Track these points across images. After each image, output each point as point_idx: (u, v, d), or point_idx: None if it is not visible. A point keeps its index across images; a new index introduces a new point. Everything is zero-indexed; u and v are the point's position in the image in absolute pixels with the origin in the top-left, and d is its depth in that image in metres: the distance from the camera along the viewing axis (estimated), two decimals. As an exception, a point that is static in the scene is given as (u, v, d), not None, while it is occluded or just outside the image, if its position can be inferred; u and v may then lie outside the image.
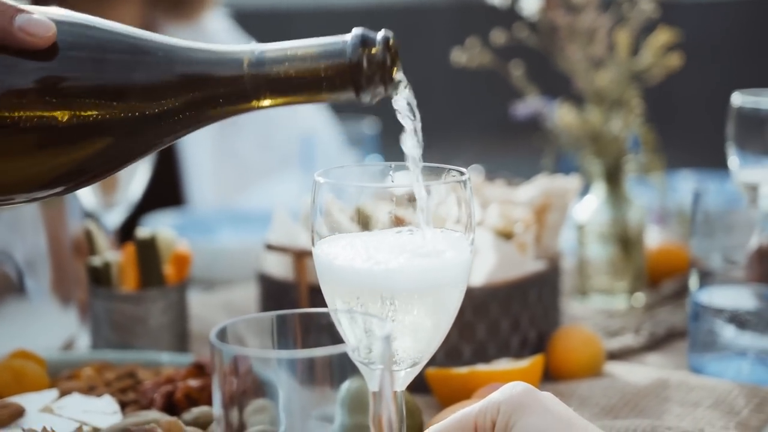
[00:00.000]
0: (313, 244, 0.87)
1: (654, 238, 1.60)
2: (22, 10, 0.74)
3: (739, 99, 1.34)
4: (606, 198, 1.44)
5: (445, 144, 4.21)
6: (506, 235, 1.20)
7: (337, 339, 0.76)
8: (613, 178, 1.44)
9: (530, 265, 1.20)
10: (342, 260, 0.85)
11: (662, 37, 1.43)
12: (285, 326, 0.76)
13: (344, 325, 0.78)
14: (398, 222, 0.87)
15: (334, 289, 0.86)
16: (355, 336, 0.78)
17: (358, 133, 1.54)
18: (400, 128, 0.84)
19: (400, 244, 0.86)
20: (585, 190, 1.44)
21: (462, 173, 0.88)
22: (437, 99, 4.37)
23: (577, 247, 1.46)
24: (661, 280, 1.49)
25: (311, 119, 1.83)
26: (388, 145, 1.72)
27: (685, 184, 1.80)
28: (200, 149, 1.76)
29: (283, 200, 1.34)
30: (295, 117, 1.83)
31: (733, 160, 1.35)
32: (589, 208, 1.44)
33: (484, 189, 1.30)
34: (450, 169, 0.90)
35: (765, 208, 1.20)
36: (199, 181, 1.74)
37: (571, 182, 1.29)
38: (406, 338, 0.85)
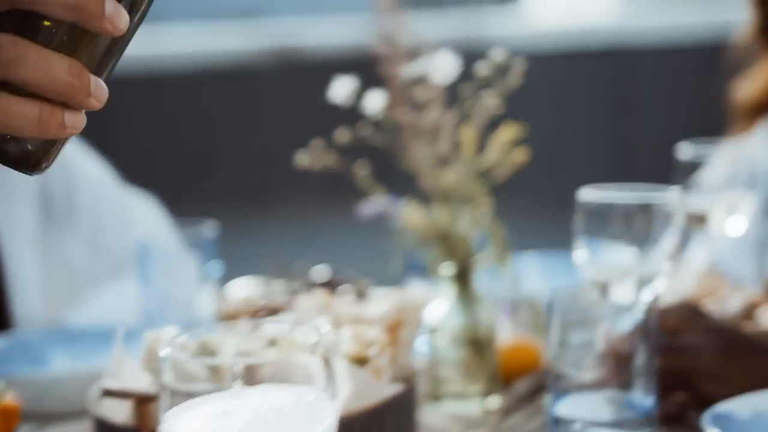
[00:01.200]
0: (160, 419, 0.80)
1: (505, 331, 1.57)
2: None
3: (587, 194, 1.33)
4: (456, 299, 1.40)
5: (291, 242, 4.19)
6: (360, 361, 1.15)
7: None
8: (463, 278, 1.40)
9: (386, 390, 1.15)
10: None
11: (507, 133, 1.41)
12: None
13: None
14: (249, 381, 0.82)
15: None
16: None
17: (197, 236, 1.47)
18: (239, 231, 0.79)
19: (256, 415, 0.80)
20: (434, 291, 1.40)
21: (319, 330, 0.83)
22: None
23: (428, 350, 1.41)
24: (514, 378, 1.46)
25: (147, 221, 1.73)
26: (228, 250, 1.65)
27: (531, 267, 1.79)
28: (26, 259, 1.65)
29: (119, 317, 1.26)
30: (128, 219, 1.73)
31: (580, 253, 1.34)
32: (440, 311, 1.40)
33: (334, 306, 1.24)
34: (306, 326, 0.85)
35: (614, 306, 1.20)
36: (25, 295, 1.63)
37: (422, 295, 1.25)
38: None
